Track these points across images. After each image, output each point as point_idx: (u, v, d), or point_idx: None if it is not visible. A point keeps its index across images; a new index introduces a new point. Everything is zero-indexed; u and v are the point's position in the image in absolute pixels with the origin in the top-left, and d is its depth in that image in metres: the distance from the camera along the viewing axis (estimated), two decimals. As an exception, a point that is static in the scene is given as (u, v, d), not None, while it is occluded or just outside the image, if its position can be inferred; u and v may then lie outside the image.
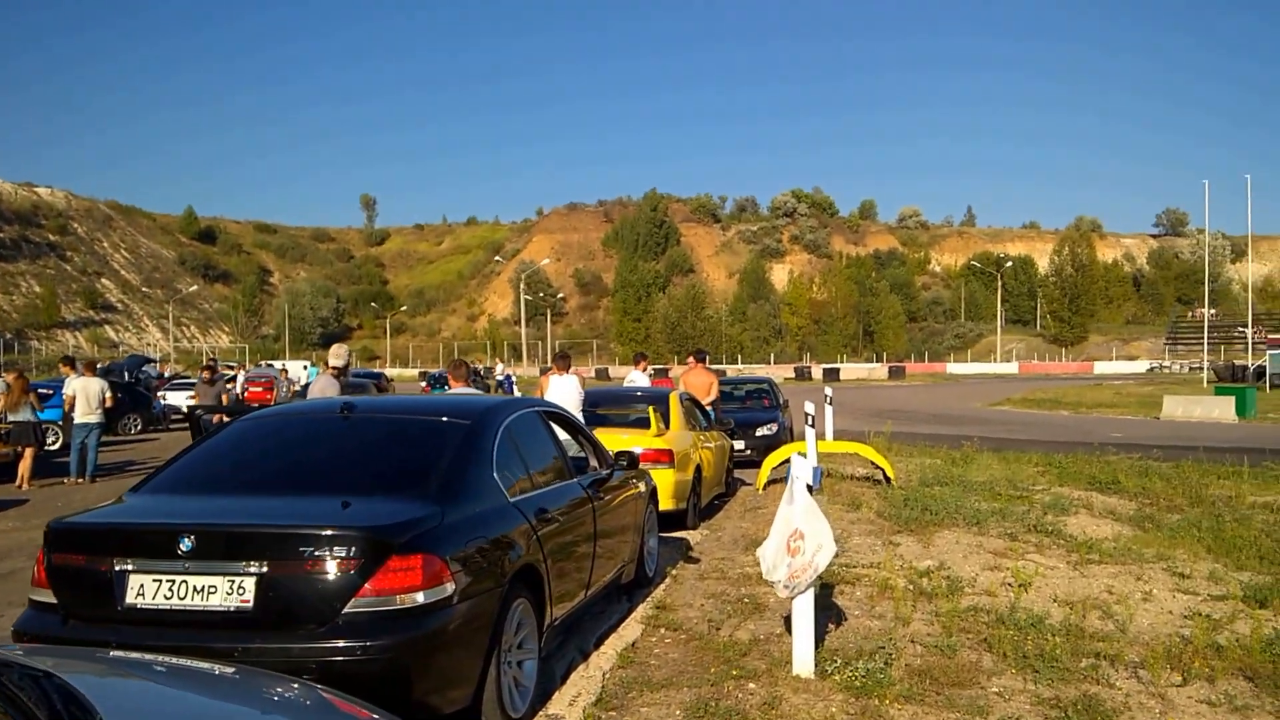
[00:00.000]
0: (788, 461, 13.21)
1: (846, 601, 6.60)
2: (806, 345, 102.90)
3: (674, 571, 7.59)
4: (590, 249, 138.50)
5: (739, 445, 14.15)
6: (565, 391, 8.92)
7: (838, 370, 64.17)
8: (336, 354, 8.73)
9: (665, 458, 8.83)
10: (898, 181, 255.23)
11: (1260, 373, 40.86)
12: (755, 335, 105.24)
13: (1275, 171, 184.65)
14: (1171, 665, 5.03)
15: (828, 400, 16.06)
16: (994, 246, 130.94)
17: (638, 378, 12.92)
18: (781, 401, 16.28)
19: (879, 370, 69.07)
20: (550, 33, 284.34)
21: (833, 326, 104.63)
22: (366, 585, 3.56)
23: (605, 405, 10.54)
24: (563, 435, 5.95)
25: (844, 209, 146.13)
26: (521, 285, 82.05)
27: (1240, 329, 64.26)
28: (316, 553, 3.57)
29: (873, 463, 12.05)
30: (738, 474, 13.60)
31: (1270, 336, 44.90)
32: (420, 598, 3.62)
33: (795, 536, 4.95)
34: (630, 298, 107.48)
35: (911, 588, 6.78)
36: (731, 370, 70.40)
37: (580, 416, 8.88)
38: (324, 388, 8.26)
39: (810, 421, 11.86)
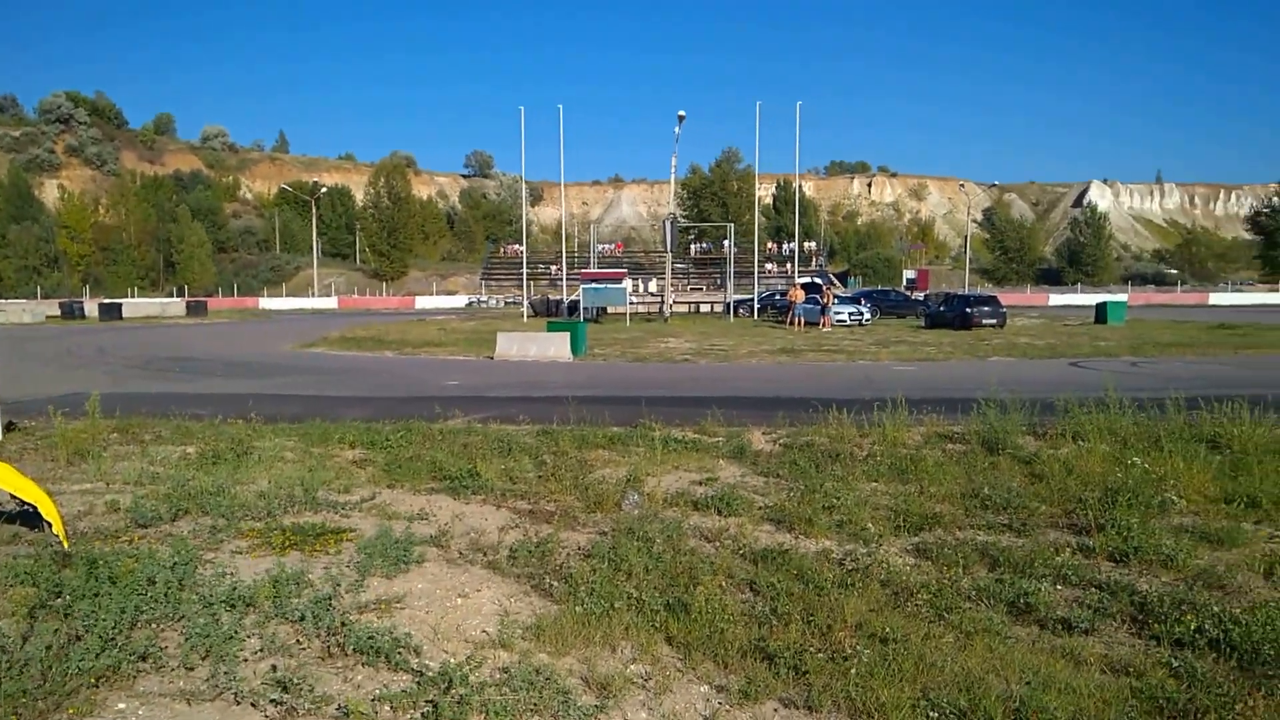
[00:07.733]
0: None
1: None
2: (91, 277, 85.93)
3: None
4: None
5: None
6: None
7: (120, 306, 52.63)
8: None
9: None
10: (200, 98, 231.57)
11: (574, 307, 41.77)
12: (21, 264, 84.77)
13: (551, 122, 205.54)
14: None
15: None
16: (309, 175, 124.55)
17: None
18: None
19: (176, 305, 58.83)
20: None
21: (124, 255, 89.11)
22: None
23: None
24: None
25: (135, 121, 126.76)
26: None
27: (544, 265, 68.60)
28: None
29: (17, 497, 5.81)
30: None
31: (584, 271, 46.48)
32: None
33: None
34: None
35: None
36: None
37: None
38: None
39: None
